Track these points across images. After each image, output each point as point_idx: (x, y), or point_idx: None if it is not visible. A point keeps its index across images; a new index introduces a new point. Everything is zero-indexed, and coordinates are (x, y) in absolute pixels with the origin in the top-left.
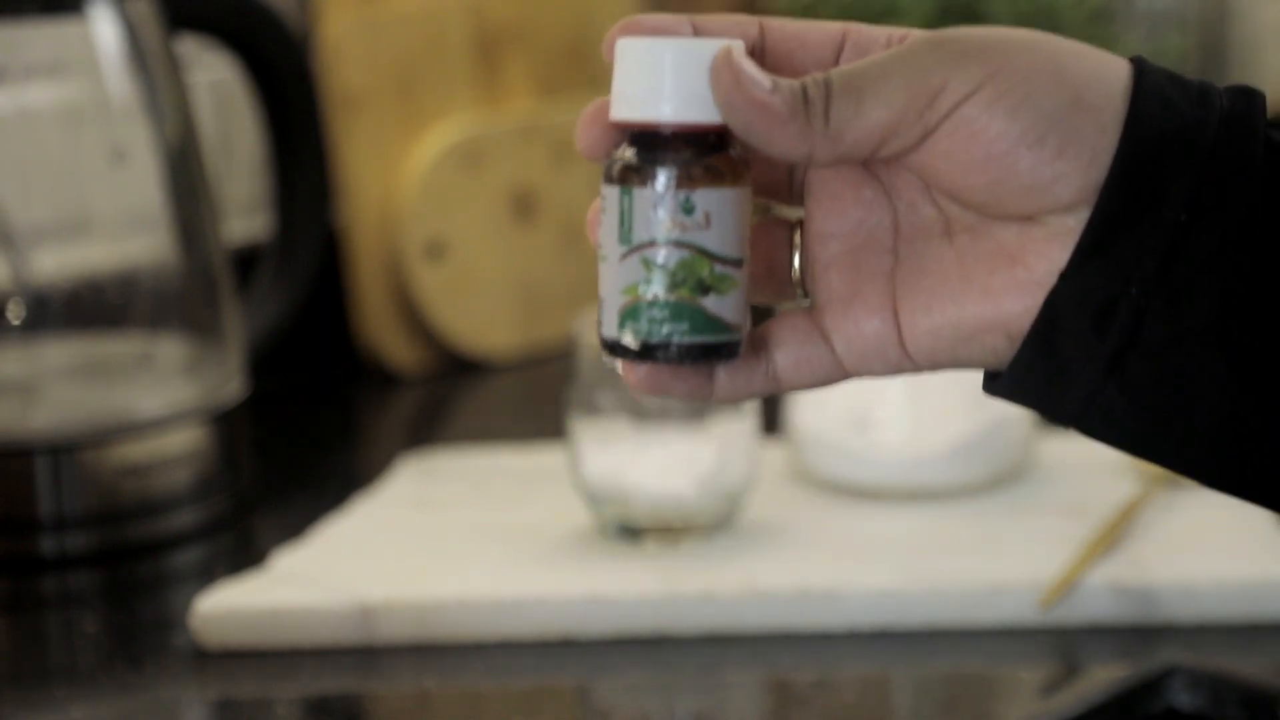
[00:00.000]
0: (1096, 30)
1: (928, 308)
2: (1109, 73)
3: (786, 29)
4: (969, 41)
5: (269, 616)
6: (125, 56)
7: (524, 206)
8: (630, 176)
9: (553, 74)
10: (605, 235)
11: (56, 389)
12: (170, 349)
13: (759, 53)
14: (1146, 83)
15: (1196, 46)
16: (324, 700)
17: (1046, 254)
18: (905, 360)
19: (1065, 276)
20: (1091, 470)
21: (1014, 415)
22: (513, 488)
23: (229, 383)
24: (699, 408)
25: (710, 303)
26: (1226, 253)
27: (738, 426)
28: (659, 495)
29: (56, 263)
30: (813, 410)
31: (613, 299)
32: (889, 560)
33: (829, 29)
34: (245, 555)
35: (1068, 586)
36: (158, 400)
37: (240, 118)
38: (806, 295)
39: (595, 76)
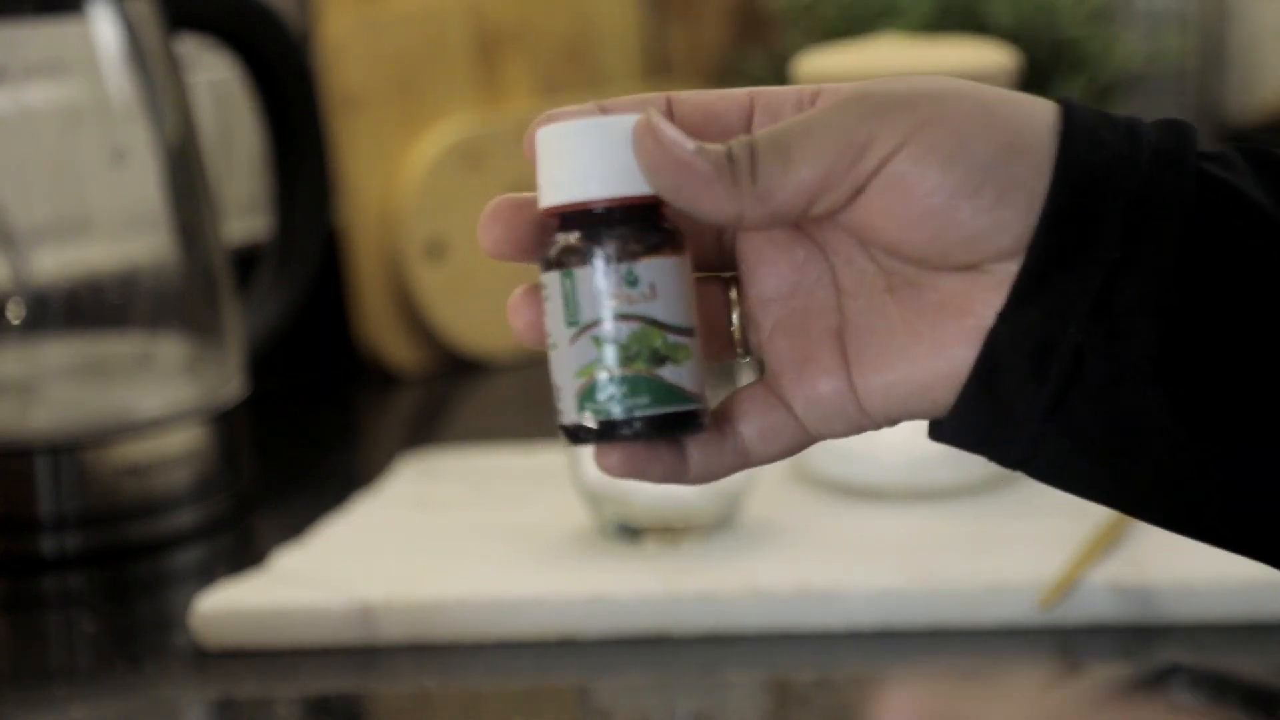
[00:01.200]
0: (1096, 30)
1: (878, 366)
2: (1038, 114)
3: (693, 101)
4: (892, 93)
5: (269, 616)
6: (125, 56)
7: None
8: (569, 258)
9: (553, 74)
10: (552, 323)
11: (56, 389)
12: (170, 349)
13: None
14: (1075, 121)
15: (1196, 46)
16: (324, 700)
17: (994, 301)
18: (865, 418)
19: (1003, 318)
20: None
21: None
22: (513, 488)
23: (229, 383)
24: None
25: (668, 373)
26: (1162, 288)
27: None
28: (659, 495)
29: (56, 263)
30: None
31: (568, 385)
32: (889, 560)
33: (735, 96)
34: (245, 555)
35: (1068, 586)
36: (158, 400)
37: (240, 118)
38: (748, 354)
39: (595, 76)
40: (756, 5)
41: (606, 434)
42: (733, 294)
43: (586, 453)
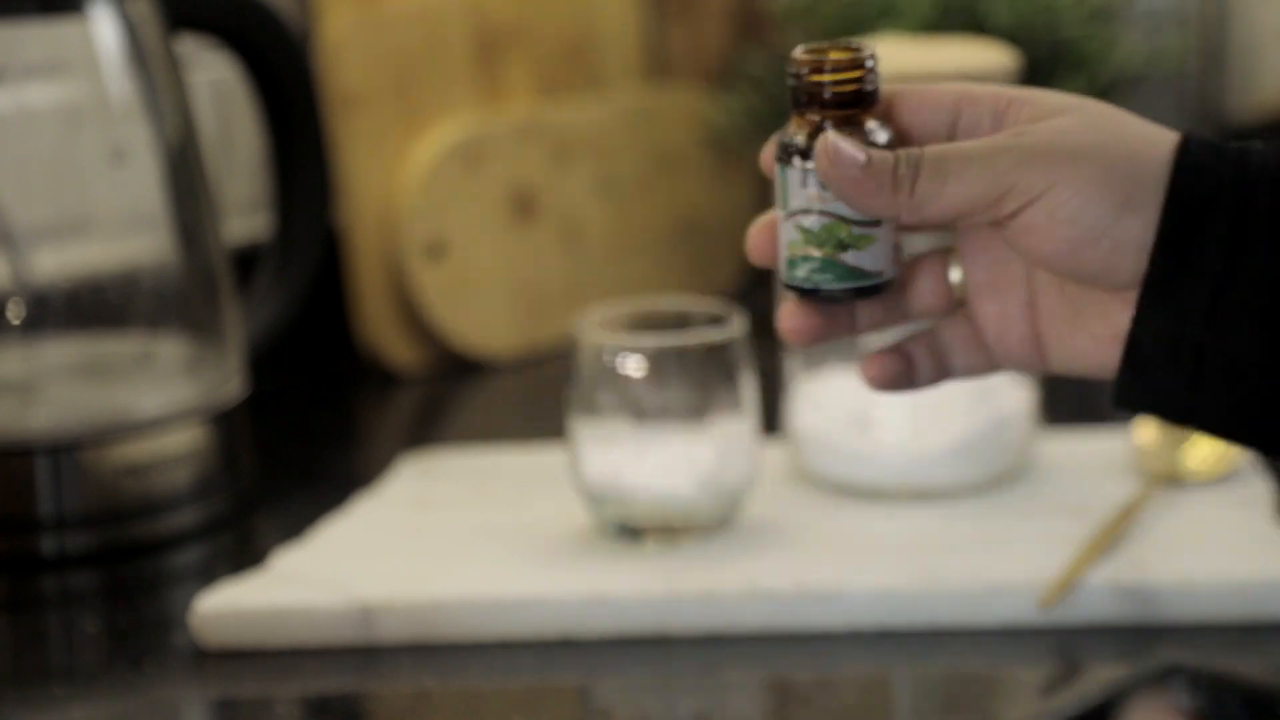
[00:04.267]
0: (1096, 30)
1: (1055, 343)
2: (1154, 158)
3: (913, 94)
4: (1036, 148)
5: (269, 616)
6: (125, 56)
7: (524, 206)
8: (784, 155)
9: (553, 74)
10: (778, 201)
11: (56, 389)
12: (170, 349)
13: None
14: (1186, 161)
15: (1196, 46)
16: (324, 700)
17: (1127, 312)
18: (1047, 369)
19: (1136, 324)
20: (1091, 470)
21: (1014, 415)
22: (513, 488)
23: (229, 383)
24: (698, 407)
25: (850, 257)
26: (1264, 289)
27: (737, 426)
28: (659, 495)
29: (56, 263)
30: (813, 410)
31: (783, 251)
32: (889, 560)
33: (944, 97)
34: (245, 555)
35: (1068, 586)
36: (158, 400)
37: (240, 118)
38: (960, 307)
39: (595, 76)
40: (756, 5)
41: (803, 296)
42: (953, 262)
43: (586, 452)
